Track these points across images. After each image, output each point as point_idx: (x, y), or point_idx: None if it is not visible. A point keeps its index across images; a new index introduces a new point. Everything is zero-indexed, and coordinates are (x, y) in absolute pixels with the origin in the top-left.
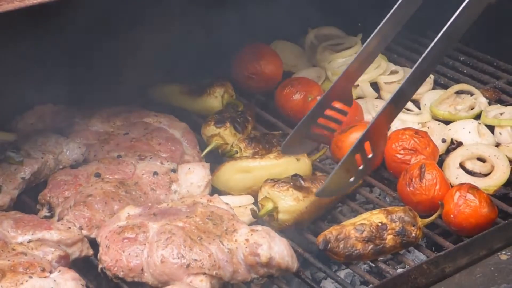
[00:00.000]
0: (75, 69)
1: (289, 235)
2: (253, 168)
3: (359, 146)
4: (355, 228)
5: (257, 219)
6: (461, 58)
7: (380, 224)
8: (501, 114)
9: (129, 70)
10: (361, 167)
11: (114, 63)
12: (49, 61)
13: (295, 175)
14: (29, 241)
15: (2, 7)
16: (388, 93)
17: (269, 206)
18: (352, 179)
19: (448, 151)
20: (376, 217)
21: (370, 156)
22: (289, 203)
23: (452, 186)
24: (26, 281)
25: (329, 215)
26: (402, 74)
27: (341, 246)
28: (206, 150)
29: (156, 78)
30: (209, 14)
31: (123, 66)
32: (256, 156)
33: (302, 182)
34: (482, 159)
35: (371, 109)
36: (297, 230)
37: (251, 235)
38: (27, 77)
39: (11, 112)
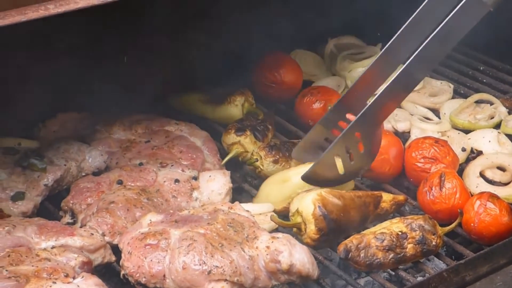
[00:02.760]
0: (97, 77)
1: None
2: (290, 176)
3: (349, 135)
4: (376, 237)
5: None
6: (481, 68)
7: (400, 233)
8: None
9: (151, 78)
10: (352, 162)
11: (136, 72)
12: (72, 69)
13: None
14: (53, 247)
15: (27, 15)
16: (407, 102)
17: (297, 219)
18: (343, 173)
19: (468, 160)
20: (396, 226)
21: (362, 152)
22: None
23: (472, 195)
24: (50, 286)
25: None
26: (422, 83)
27: (362, 255)
28: (226, 158)
29: (177, 86)
30: (229, 23)
31: (144, 75)
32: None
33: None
34: (502, 168)
35: (390, 118)
36: None
37: (272, 242)
38: (50, 85)
39: (35, 120)
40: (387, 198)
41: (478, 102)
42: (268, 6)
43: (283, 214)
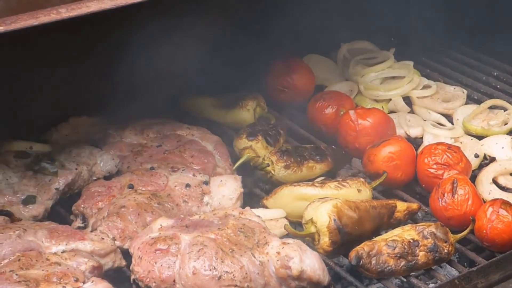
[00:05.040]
0: (109, 81)
1: None
2: (312, 196)
3: None
4: (387, 244)
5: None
6: (495, 73)
7: (412, 241)
8: None
9: (162, 83)
10: None
11: (147, 76)
12: (83, 73)
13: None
14: (63, 251)
15: (39, 19)
16: (420, 108)
17: (311, 228)
18: None
19: (481, 166)
20: (407, 233)
21: None
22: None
23: (484, 202)
24: None
25: None
26: (435, 88)
27: (373, 262)
28: (238, 163)
29: (189, 91)
30: (241, 27)
31: (156, 79)
32: (316, 184)
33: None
34: None
35: (403, 124)
36: None
37: (283, 248)
38: (62, 89)
39: (47, 124)
40: (401, 208)
41: (491, 108)
42: (281, 10)
43: (295, 221)
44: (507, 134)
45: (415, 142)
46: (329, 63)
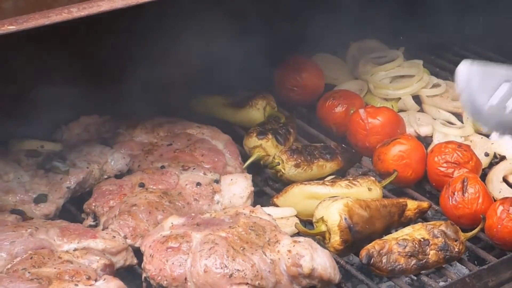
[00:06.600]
0: (120, 80)
1: None
2: (323, 195)
3: None
4: (398, 243)
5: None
6: None
7: (422, 240)
8: None
9: (173, 82)
10: None
11: (158, 76)
12: (95, 72)
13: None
14: (75, 250)
15: (50, 18)
16: (430, 106)
17: (321, 227)
18: None
19: (491, 165)
20: (418, 232)
21: None
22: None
23: (495, 200)
24: None
25: None
26: (445, 87)
27: (384, 261)
28: (248, 162)
29: (199, 90)
30: (251, 27)
31: (166, 78)
32: (327, 183)
33: None
34: None
35: (413, 122)
36: None
37: (294, 246)
38: (73, 88)
39: (58, 123)
40: (411, 206)
41: None
42: (290, 9)
43: (306, 220)
44: None
45: (425, 140)
46: (339, 62)
